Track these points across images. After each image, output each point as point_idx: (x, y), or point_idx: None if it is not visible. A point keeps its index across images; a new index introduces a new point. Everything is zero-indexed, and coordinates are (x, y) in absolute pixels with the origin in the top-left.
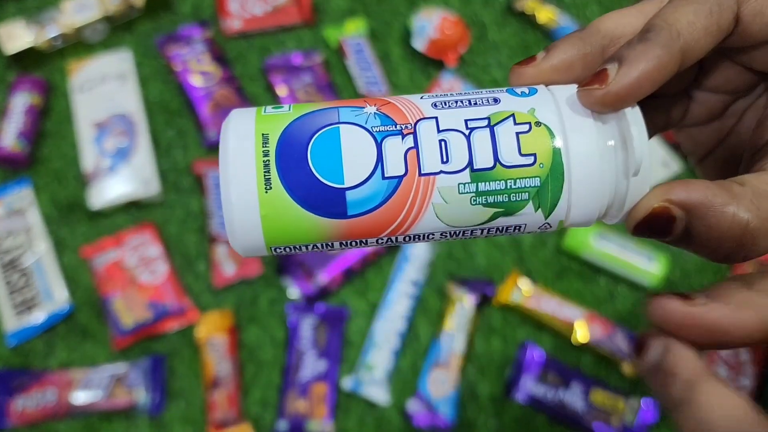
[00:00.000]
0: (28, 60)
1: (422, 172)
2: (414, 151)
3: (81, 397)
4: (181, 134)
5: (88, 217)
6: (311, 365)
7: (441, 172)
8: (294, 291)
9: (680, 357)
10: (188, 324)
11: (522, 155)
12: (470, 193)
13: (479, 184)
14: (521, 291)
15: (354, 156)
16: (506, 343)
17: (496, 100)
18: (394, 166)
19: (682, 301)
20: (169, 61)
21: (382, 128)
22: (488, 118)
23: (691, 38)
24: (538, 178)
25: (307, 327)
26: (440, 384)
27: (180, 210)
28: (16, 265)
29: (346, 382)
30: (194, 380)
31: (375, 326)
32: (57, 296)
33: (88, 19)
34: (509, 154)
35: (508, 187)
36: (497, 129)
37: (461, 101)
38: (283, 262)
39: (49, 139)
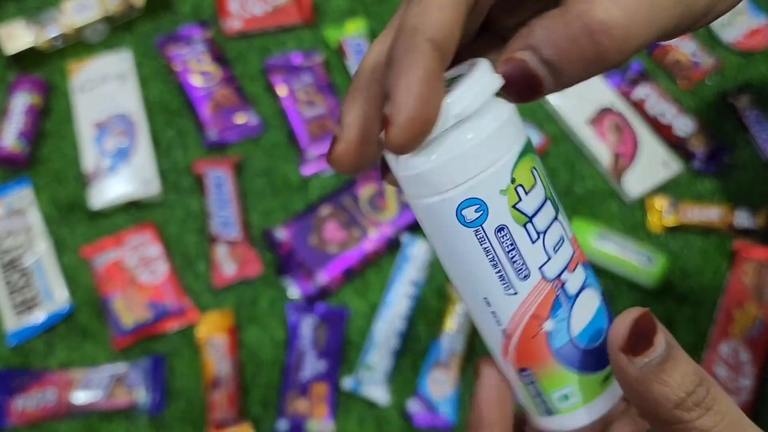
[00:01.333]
0: (28, 60)
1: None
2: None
3: (81, 397)
4: (181, 134)
5: (88, 217)
6: (311, 365)
7: None
8: (294, 291)
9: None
10: (188, 324)
11: None
12: None
13: None
14: None
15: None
16: None
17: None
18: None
19: None
20: (169, 61)
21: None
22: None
23: (440, 27)
24: None
25: (307, 327)
26: (440, 384)
27: (180, 210)
28: (16, 265)
29: (347, 382)
30: (194, 380)
31: (375, 326)
32: (57, 296)
33: (88, 19)
34: None
35: None
36: None
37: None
38: (283, 262)
39: (49, 139)
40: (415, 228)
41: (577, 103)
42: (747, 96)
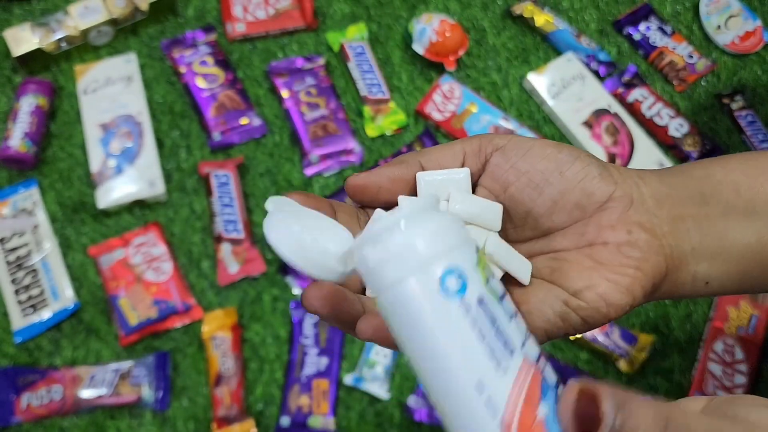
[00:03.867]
0: (34, 62)
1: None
2: None
3: (87, 394)
4: (186, 135)
5: (93, 217)
6: (313, 362)
7: None
8: (297, 289)
9: (639, 415)
10: (192, 321)
11: None
12: None
13: None
14: None
15: None
16: None
17: None
18: None
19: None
20: (174, 63)
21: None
22: None
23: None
24: None
25: (309, 324)
26: None
27: (185, 210)
28: (22, 264)
29: (348, 379)
30: (198, 377)
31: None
32: (63, 294)
33: (93, 22)
34: None
35: None
36: None
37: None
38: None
39: (56, 140)
40: None
41: (574, 105)
42: (741, 97)
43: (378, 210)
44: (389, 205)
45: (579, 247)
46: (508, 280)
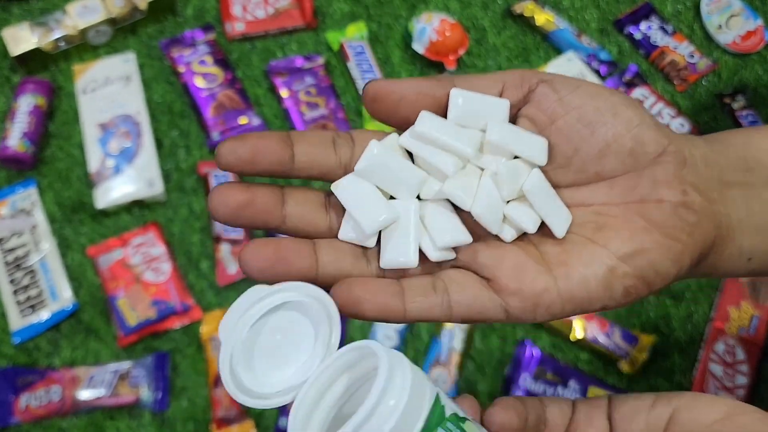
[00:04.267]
0: (33, 62)
1: None
2: None
3: (85, 395)
4: (185, 135)
5: (92, 217)
6: None
7: None
8: None
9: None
10: (192, 322)
11: None
12: None
13: None
14: None
15: None
16: (505, 341)
17: None
18: None
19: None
20: (172, 63)
21: None
22: None
23: None
24: None
25: None
26: (440, 381)
27: (184, 210)
28: (21, 264)
29: None
30: (198, 377)
31: (376, 324)
32: (62, 295)
33: (92, 21)
34: None
35: None
36: None
37: None
38: None
39: (54, 139)
40: None
41: None
42: (742, 97)
43: (372, 141)
44: (406, 123)
45: (628, 203)
46: (542, 232)
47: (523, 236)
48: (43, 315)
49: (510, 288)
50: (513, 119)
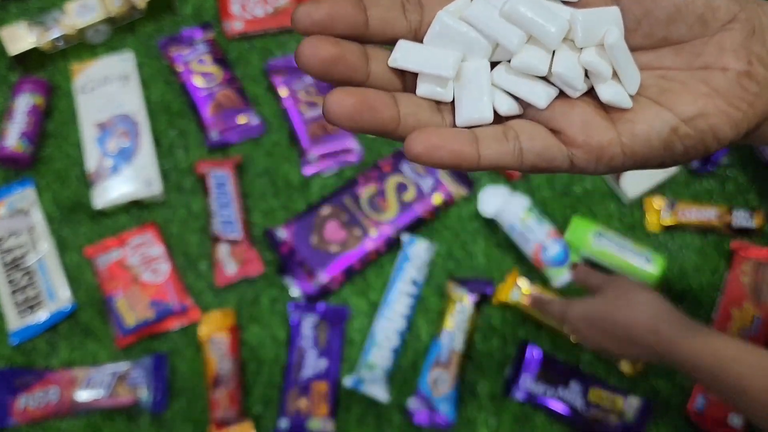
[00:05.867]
0: (31, 61)
1: None
2: None
3: (83, 396)
4: (183, 135)
5: (90, 217)
6: (312, 364)
7: None
8: (295, 290)
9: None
10: (190, 323)
11: None
12: None
13: None
14: (520, 290)
15: None
16: (505, 342)
17: None
18: None
19: None
20: (171, 62)
21: None
22: None
23: None
24: None
25: (308, 326)
26: (440, 382)
27: (182, 210)
28: (19, 265)
29: (347, 381)
30: (196, 379)
31: (375, 325)
32: (60, 295)
33: (90, 20)
34: None
35: None
36: None
37: None
38: (284, 262)
39: (52, 139)
40: (415, 228)
41: None
42: None
43: (440, 13)
44: None
45: (693, 69)
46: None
47: (588, 94)
48: (41, 316)
49: (577, 141)
50: None
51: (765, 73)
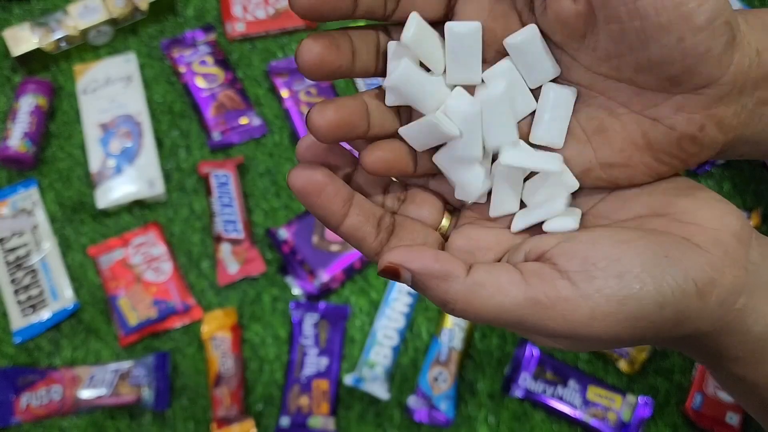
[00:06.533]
0: (34, 62)
1: None
2: None
3: (86, 394)
4: (185, 135)
5: (93, 217)
6: (313, 362)
7: None
8: (297, 289)
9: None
10: (192, 321)
11: None
12: None
13: None
14: None
15: None
16: (504, 341)
17: None
18: None
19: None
20: (173, 63)
21: None
22: None
23: None
24: None
25: (309, 324)
26: (440, 380)
27: (184, 210)
28: (22, 264)
29: (348, 379)
30: (198, 377)
31: (376, 324)
32: (62, 294)
33: (93, 21)
34: None
35: None
36: None
37: None
38: (285, 261)
39: (55, 140)
40: None
41: None
42: None
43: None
44: None
45: (642, 115)
46: None
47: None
48: (44, 315)
49: None
50: None
51: (716, 134)
